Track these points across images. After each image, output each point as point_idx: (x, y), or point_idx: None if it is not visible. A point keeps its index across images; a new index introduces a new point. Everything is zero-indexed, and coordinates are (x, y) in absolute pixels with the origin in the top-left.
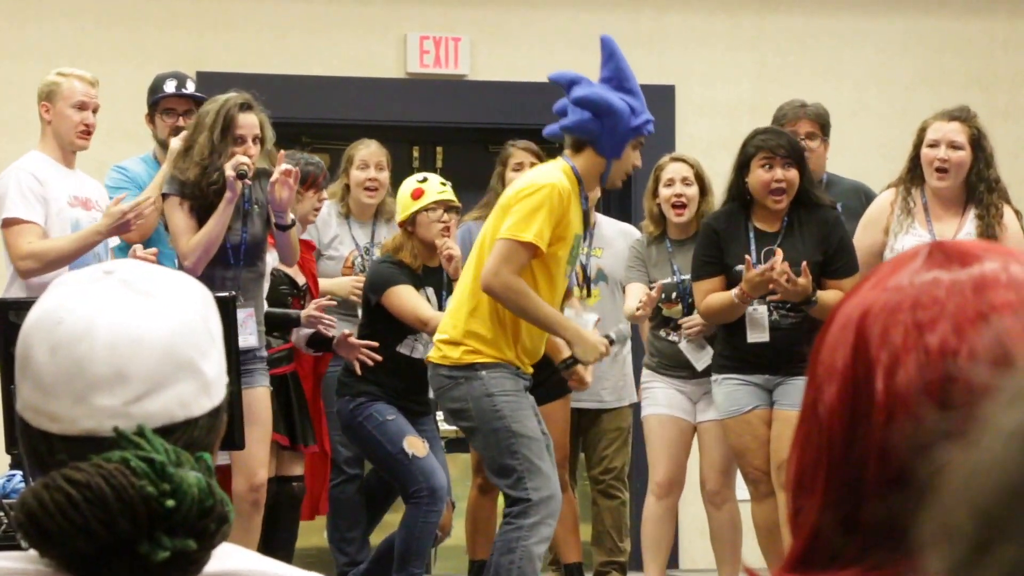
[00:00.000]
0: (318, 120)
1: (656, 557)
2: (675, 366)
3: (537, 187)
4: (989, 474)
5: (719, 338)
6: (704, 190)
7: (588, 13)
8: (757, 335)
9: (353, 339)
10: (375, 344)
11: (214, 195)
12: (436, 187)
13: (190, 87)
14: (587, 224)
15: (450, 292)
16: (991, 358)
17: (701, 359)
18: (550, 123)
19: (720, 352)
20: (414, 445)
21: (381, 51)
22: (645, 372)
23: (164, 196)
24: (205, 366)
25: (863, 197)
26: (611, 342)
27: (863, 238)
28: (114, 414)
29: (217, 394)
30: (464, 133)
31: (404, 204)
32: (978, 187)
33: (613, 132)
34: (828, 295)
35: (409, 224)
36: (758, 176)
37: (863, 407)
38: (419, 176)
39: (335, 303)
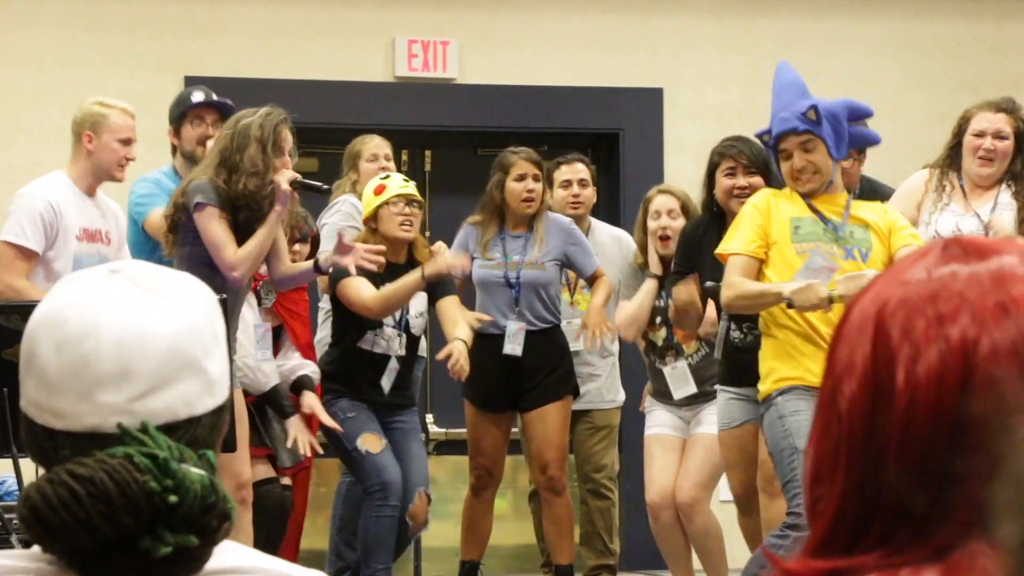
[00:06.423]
0: (307, 124)
1: (679, 566)
2: (668, 393)
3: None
4: None
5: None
6: None
7: (577, 16)
8: (683, 390)
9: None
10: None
11: (269, 206)
12: (398, 183)
13: (214, 98)
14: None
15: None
16: None
17: (680, 390)
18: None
19: (720, 363)
20: (368, 442)
21: (370, 55)
22: (647, 396)
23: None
24: (209, 365)
25: None
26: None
27: (897, 208)
28: (118, 411)
29: (221, 393)
30: (453, 136)
31: (367, 202)
32: (1020, 174)
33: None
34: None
35: (372, 220)
36: (722, 184)
37: (884, 397)
38: (382, 175)
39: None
